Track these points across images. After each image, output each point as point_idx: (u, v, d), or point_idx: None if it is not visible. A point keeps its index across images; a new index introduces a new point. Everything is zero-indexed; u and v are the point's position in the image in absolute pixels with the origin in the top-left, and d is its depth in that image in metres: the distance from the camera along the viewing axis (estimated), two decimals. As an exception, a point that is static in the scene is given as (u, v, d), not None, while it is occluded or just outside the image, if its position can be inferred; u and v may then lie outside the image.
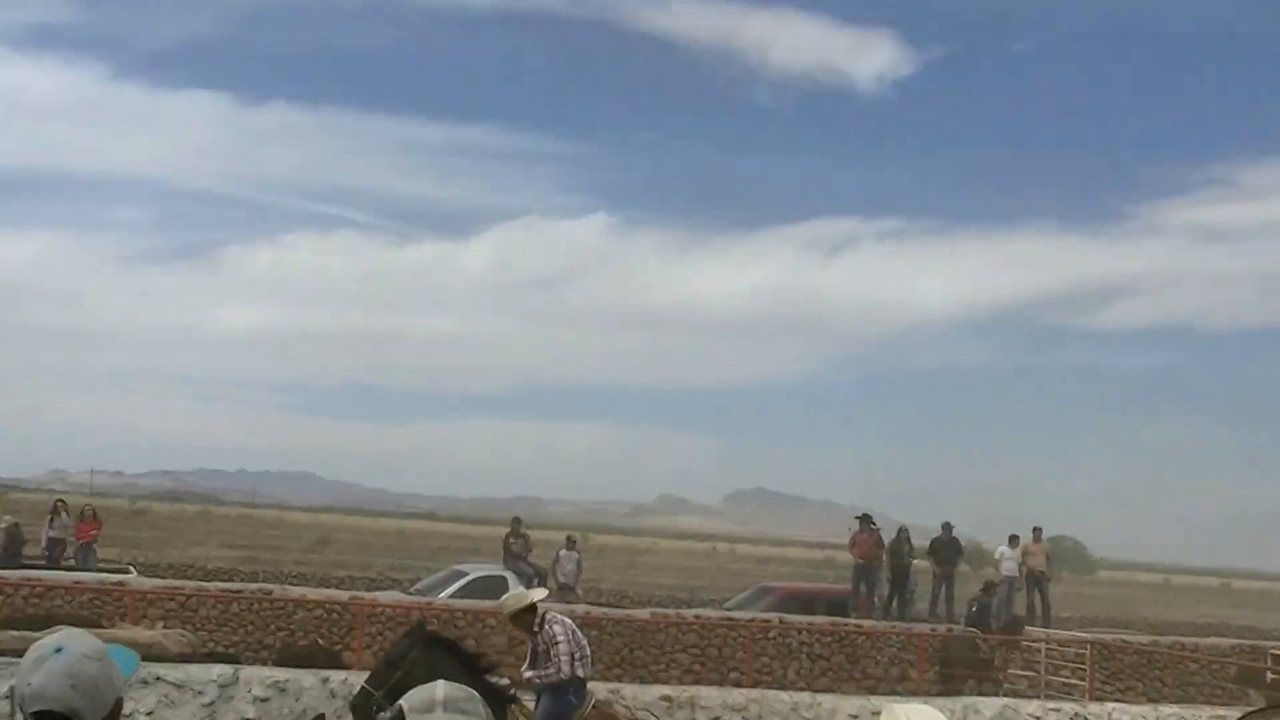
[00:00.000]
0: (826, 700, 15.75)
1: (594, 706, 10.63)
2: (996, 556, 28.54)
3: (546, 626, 10.51)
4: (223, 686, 10.74)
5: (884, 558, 26.00)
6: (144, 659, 12.59)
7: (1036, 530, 28.64)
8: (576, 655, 10.45)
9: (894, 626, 24.24)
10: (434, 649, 9.58)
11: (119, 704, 2.80)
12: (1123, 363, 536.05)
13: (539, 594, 11.80)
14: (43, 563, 25.09)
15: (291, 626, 21.58)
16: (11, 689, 2.73)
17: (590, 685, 10.99)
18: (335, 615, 21.87)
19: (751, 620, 23.33)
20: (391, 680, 9.27)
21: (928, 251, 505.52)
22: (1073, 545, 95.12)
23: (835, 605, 25.83)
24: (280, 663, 14.84)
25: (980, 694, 18.93)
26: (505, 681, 10.41)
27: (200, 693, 10.69)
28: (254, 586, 23.42)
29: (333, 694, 12.00)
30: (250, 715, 11.28)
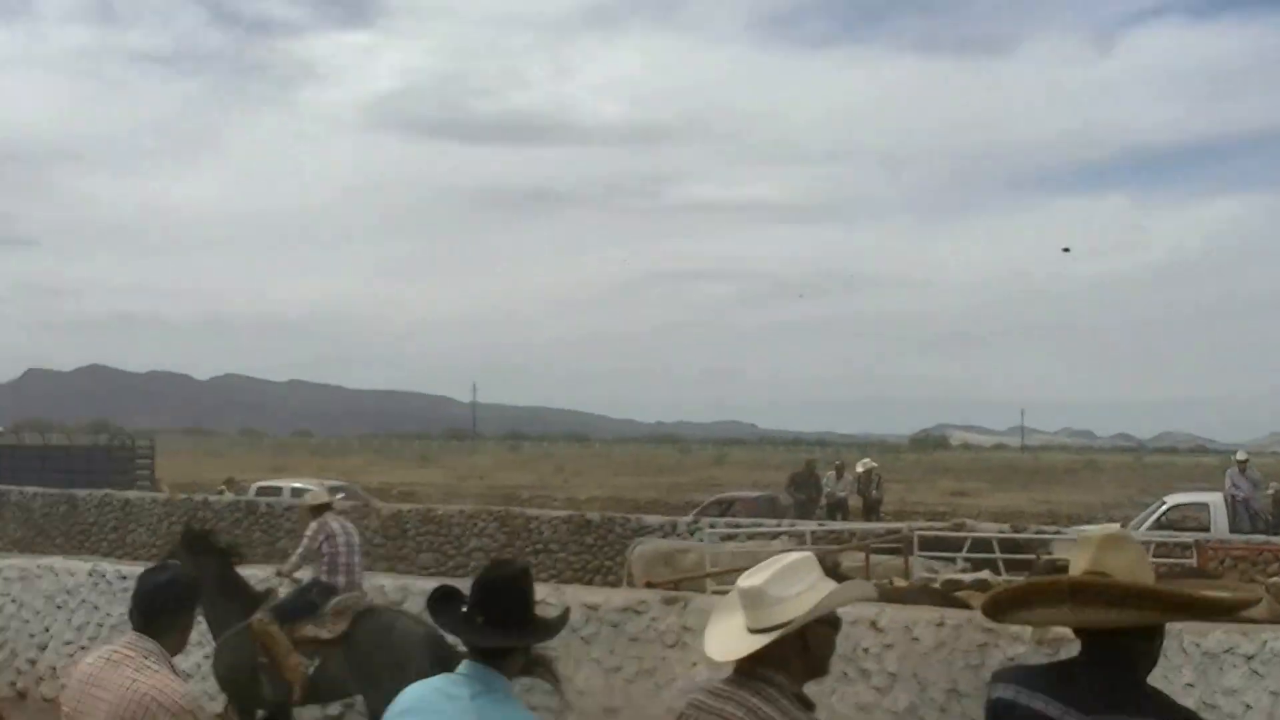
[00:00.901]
0: None
1: (334, 605, 10.23)
2: None
3: (314, 524, 10.50)
4: None
5: None
6: None
7: None
8: (323, 561, 10.24)
9: None
10: (199, 552, 10.02)
11: None
12: None
13: (338, 498, 12.83)
14: None
15: None
16: None
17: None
18: None
19: None
20: None
21: None
22: None
23: None
24: None
25: None
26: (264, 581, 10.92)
27: None
28: None
29: None
30: None
